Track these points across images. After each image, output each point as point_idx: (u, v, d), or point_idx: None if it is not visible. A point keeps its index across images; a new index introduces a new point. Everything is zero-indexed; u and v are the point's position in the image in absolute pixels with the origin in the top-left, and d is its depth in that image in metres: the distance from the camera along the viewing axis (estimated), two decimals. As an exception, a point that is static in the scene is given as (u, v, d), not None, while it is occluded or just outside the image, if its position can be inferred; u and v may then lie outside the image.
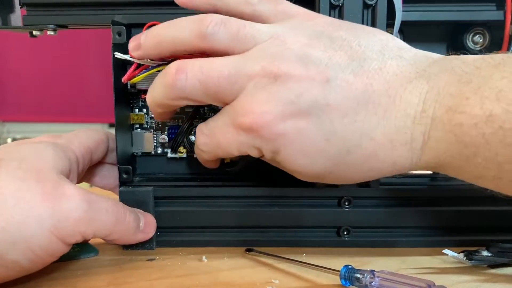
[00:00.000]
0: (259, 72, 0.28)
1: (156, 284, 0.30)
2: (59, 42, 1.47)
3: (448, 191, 0.37)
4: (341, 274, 0.29)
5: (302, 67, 0.28)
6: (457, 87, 0.27)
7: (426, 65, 0.29)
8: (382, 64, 0.29)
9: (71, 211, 0.29)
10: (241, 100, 0.29)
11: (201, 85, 0.29)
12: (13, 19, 0.38)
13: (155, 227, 0.35)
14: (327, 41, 0.29)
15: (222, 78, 0.29)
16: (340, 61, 0.29)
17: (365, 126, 0.28)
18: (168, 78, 0.29)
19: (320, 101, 0.28)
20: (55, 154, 0.31)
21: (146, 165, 0.40)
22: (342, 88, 0.28)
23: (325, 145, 0.28)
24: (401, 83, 0.28)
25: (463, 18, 0.37)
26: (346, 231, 0.36)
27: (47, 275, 0.31)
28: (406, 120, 0.28)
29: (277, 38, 0.29)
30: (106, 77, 1.02)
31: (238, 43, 0.29)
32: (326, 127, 0.28)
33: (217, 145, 0.31)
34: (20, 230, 0.27)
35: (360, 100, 0.28)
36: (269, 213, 0.36)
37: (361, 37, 0.30)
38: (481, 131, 0.26)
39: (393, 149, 0.28)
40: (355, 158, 0.29)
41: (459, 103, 0.26)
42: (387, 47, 0.30)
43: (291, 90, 0.28)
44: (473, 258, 0.32)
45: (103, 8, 0.36)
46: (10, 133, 1.63)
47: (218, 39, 0.29)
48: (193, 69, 0.29)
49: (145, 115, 0.39)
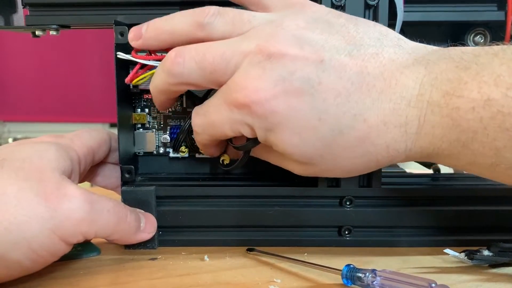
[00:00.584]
0: (254, 49, 0.29)
1: (158, 284, 0.30)
2: (61, 42, 1.47)
3: (449, 191, 0.37)
4: (342, 273, 0.29)
5: (297, 47, 0.28)
6: (455, 73, 0.27)
7: (424, 53, 0.29)
8: (379, 50, 0.29)
9: (73, 211, 0.29)
10: (235, 77, 0.29)
11: (198, 66, 0.30)
12: (16, 19, 0.38)
13: (156, 227, 0.35)
14: (325, 25, 0.29)
15: (217, 57, 0.29)
16: (336, 44, 0.29)
17: (358, 107, 0.28)
18: (167, 63, 0.30)
19: (314, 79, 0.28)
20: (57, 154, 0.31)
21: (148, 165, 0.40)
22: (336, 68, 0.28)
23: (317, 124, 0.28)
24: (397, 67, 0.28)
25: (464, 18, 0.37)
26: (347, 231, 0.36)
27: (49, 274, 0.31)
28: (401, 102, 0.28)
29: (275, 21, 0.30)
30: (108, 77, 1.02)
31: (235, 28, 0.30)
32: (319, 106, 0.28)
33: (211, 124, 0.31)
34: (22, 230, 0.27)
35: (354, 81, 0.28)
36: (271, 212, 0.36)
37: (360, 25, 0.30)
38: (478, 115, 0.26)
39: (386, 131, 0.28)
40: (348, 139, 0.29)
41: (457, 87, 0.26)
42: (386, 37, 0.30)
43: (285, 67, 0.28)
44: (474, 258, 0.32)
45: (105, 8, 0.36)
46: (11, 133, 1.63)
47: (215, 27, 0.30)
48: (190, 52, 0.30)
49: (147, 115, 0.39)
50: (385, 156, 0.29)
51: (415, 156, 0.29)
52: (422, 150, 0.29)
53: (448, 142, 0.27)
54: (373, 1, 0.34)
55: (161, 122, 0.39)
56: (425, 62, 0.28)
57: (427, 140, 0.28)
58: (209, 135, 0.32)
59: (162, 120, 0.39)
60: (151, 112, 0.39)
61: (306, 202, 0.36)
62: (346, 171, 0.31)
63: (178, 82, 0.31)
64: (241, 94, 0.28)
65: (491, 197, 0.37)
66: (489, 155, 0.26)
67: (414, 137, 0.28)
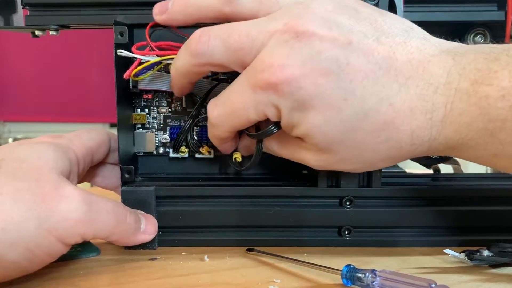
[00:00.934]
0: (281, 28, 0.28)
1: (158, 284, 0.30)
2: (61, 42, 1.47)
3: (449, 191, 0.37)
4: (342, 273, 0.29)
5: (326, 28, 0.28)
6: (484, 63, 0.27)
7: (451, 46, 0.29)
8: (407, 39, 0.29)
9: (71, 212, 0.28)
10: (261, 56, 0.29)
11: (223, 44, 0.29)
12: (16, 19, 0.38)
13: (157, 228, 0.35)
14: (352, 11, 0.29)
15: (243, 35, 0.29)
16: (364, 29, 0.29)
17: (385, 91, 0.28)
18: (192, 43, 0.30)
19: (341, 60, 0.28)
20: (56, 154, 0.31)
21: (148, 165, 0.40)
22: (364, 51, 0.28)
23: (342, 104, 0.28)
24: (425, 56, 0.28)
25: (464, 18, 0.37)
26: (347, 231, 0.36)
27: (49, 274, 0.31)
28: (428, 89, 0.28)
29: (302, 3, 0.29)
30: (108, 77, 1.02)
31: (262, 6, 0.30)
32: (345, 86, 0.28)
33: (233, 111, 0.30)
34: (19, 230, 0.27)
35: (382, 66, 0.28)
36: (270, 212, 0.36)
37: (387, 16, 0.30)
38: (508, 103, 0.25)
39: (412, 117, 0.28)
40: (372, 123, 0.28)
41: (486, 76, 0.26)
42: (412, 30, 0.30)
43: (313, 47, 0.28)
44: (474, 258, 0.32)
45: (105, 8, 0.36)
46: (11, 133, 1.63)
47: (242, 3, 0.30)
48: (215, 31, 0.30)
49: (147, 115, 0.39)
50: (409, 144, 0.29)
51: (438, 147, 0.29)
52: (446, 141, 0.28)
53: (475, 130, 0.27)
54: (373, 1, 0.34)
55: (161, 122, 0.39)
56: (453, 53, 0.28)
57: (452, 128, 0.28)
58: (229, 125, 0.31)
59: (162, 120, 0.39)
60: (151, 112, 0.39)
61: (306, 202, 0.36)
62: (365, 161, 0.31)
63: (202, 62, 0.30)
64: (268, 72, 0.28)
65: (491, 197, 0.37)
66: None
67: (439, 125, 0.28)
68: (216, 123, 0.32)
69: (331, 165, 0.31)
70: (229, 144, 0.35)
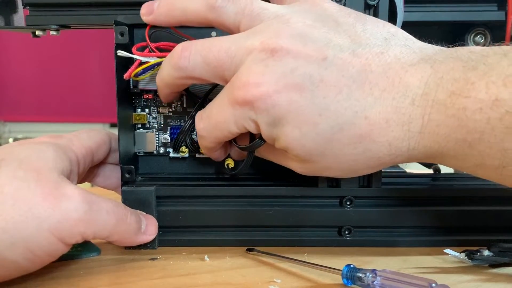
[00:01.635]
0: (258, 46, 0.29)
1: (158, 284, 0.30)
2: (61, 42, 1.47)
3: (449, 191, 0.37)
4: (343, 273, 0.29)
5: (300, 44, 0.28)
6: (462, 72, 0.26)
7: (431, 52, 0.29)
8: (385, 49, 0.29)
9: (71, 211, 0.29)
10: (238, 74, 0.29)
11: (203, 60, 0.30)
12: (16, 19, 0.38)
13: (157, 229, 0.35)
14: (332, 24, 0.30)
15: (222, 52, 0.30)
16: (341, 42, 0.29)
17: (360, 104, 0.28)
18: (174, 58, 0.31)
19: (315, 76, 0.28)
20: (56, 154, 0.31)
21: (148, 165, 0.40)
22: (338, 66, 0.28)
23: (318, 119, 0.28)
24: (402, 65, 0.28)
25: (464, 18, 0.37)
26: (347, 231, 0.36)
27: (49, 274, 0.31)
28: (404, 101, 0.28)
29: (282, 17, 0.30)
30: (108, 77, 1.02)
31: (244, 18, 0.31)
32: (319, 102, 0.28)
33: (215, 125, 0.31)
34: (19, 230, 0.27)
35: (356, 79, 0.28)
36: (271, 212, 0.36)
37: (368, 25, 0.30)
38: (486, 115, 0.25)
39: (388, 129, 0.28)
40: (348, 136, 0.28)
41: (464, 87, 0.26)
42: (394, 36, 0.30)
43: (287, 64, 0.28)
44: (474, 258, 0.32)
45: (105, 9, 0.36)
46: (11, 133, 1.63)
47: (226, 12, 0.31)
48: (196, 46, 0.31)
49: (147, 115, 0.39)
50: (387, 154, 0.29)
51: (418, 156, 0.29)
52: (426, 150, 0.28)
53: (454, 141, 0.27)
54: (373, 1, 0.34)
55: (161, 122, 0.39)
56: (431, 61, 0.28)
57: (431, 139, 0.28)
58: (214, 137, 0.32)
59: (162, 120, 0.39)
60: (151, 112, 0.39)
61: (306, 202, 0.36)
62: (346, 170, 0.31)
63: (183, 76, 0.31)
64: (243, 90, 0.29)
65: (491, 197, 0.37)
66: (496, 157, 0.26)
67: (417, 136, 0.28)
68: (202, 135, 0.33)
69: (315, 172, 0.32)
70: (218, 153, 0.36)
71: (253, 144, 0.32)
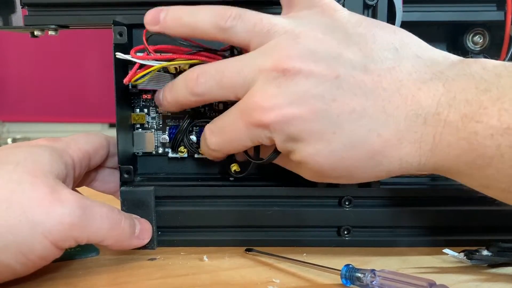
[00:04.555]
0: (269, 66, 0.29)
1: (157, 284, 0.30)
2: (60, 43, 1.47)
3: (448, 191, 0.37)
4: (341, 273, 0.29)
5: (312, 63, 0.28)
6: (475, 95, 0.27)
7: (443, 67, 0.29)
8: (396, 63, 0.29)
9: (65, 216, 0.28)
10: (251, 94, 0.30)
11: (218, 84, 0.31)
12: (14, 19, 0.38)
13: (151, 233, 0.35)
14: (342, 36, 0.29)
15: (235, 74, 0.30)
16: (352, 57, 0.29)
17: (373, 122, 0.28)
18: (191, 84, 0.31)
19: (327, 97, 0.28)
20: (52, 158, 0.31)
21: (147, 165, 0.40)
22: (350, 84, 0.28)
23: (331, 137, 0.29)
24: (415, 83, 0.28)
25: (463, 18, 0.37)
26: (346, 231, 0.36)
27: (48, 274, 0.31)
28: (417, 120, 0.28)
29: (292, 32, 0.30)
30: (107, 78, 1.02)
31: (254, 36, 0.30)
32: (333, 121, 0.28)
33: (229, 142, 0.32)
34: (13, 233, 0.27)
35: (369, 97, 0.28)
36: (269, 213, 0.36)
37: (378, 34, 0.30)
38: (496, 142, 0.26)
39: (400, 146, 0.28)
40: (361, 153, 0.29)
41: (476, 111, 0.26)
42: (406, 45, 0.30)
43: (299, 85, 0.28)
44: (473, 258, 0.32)
45: (104, 9, 0.36)
46: (10, 133, 1.62)
47: (235, 32, 0.30)
48: (210, 72, 0.31)
49: (146, 115, 0.39)
50: (397, 168, 0.29)
51: (428, 170, 0.29)
52: (435, 167, 0.29)
53: (464, 163, 0.27)
54: (372, 1, 0.34)
55: (160, 122, 0.39)
56: (444, 78, 0.28)
57: (441, 157, 0.28)
58: (227, 150, 0.33)
59: (161, 120, 0.39)
60: (150, 112, 0.39)
61: (305, 202, 0.36)
62: (355, 179, 0.31)
63: (200, 100, 0.32)
64: (258, 113, 0.29)
65: (490, 197, 0.37)
66: (503, 181, 0.26)
67: (428, 153, 0.28)
68: (215, 149, 0.33)
69: (325, 180, 0.32)
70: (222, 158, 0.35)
71: (268, 158, 0.33)
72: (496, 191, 0.28)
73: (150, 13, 0.32)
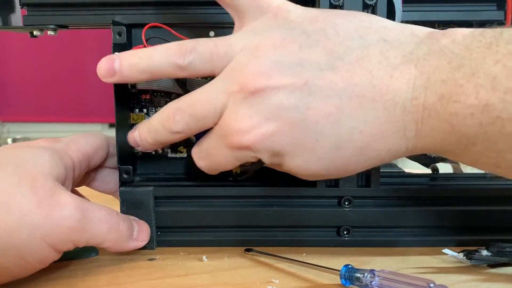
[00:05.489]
0: (236, 88, 0.29)
1: (157, 284, 0.30)
2: (60, 42, 1.47)
3: (448, 191, 0.37)
4: (341, 273, 0.29)
5: (277, 75, 0.28)
6: (449, 72, 0.26)
7: (412, 46, 0.28)
8: (364, 52, 0.28)
9: (64, 219, 0.28)
10: (226, 119, 0.29)
11: (193, 118, 0.30)
12: (14, 19, 0.38)
13: (149, 235, 0.35)
14: (302, 37, 0.29)
15: (205, 104, 0.30)
16: (317, 58, 0.28)
17: (352, 120, 0.28)
18: (168, 123, 0.31)
19: (301, 106, 0.28)
20: (52, 160, 0.31)
21: (146, 165, 0.40)
22: (321, 88, 0.28)
23: (315, 145, 0.28)
24: (386, 70, 0.27)
25: (463, 18, 0.37)
26: (346, 231, 0.36)
27: (47, 275, 0.31)
28: (395, 108, 0.27)
29: (249, 47, 0.29)
30: (106, 77, 1.01)
31: (214, 63, 0.30)
32: (313, 129, 0.28)
33: (217, 164, 0.32)
34: (12, 236, 0.27)
35: (342, 97, 0.28)
36: (269, 213, 0.36)
37: (339, 24, 0.29)
38: (477, 120, 0.25)
39: (385, 138, 0.28)
40: (348, 152, 0.29)
41: (453, 91, 0.26)
42: (369, 29, 0.29)
43: (270, 101, 0.28)
44: (473, 258, 0.32)
45: (103, 8, 0.36)
46: (10, 133, 1.63)
47: (195, 67, 0.30)
48: (183, 107, 0.30)
49: (145, 115, 0.39)
50: (388, 157, 0.29)
51: (419, 151, 0.29)
52: (424, 149, 0.29)
53: (449, 144, 0.27)
54: (372, 0, 0.34)
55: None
56: (415, 60, 0.27)
57: (427, 141, 0.28)
58: (218, 170, 0.33)
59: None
60: (149, 112, 0.39)
61: (304, 202, 0.36)
62: (349, 172, 0.31)
63: (181, 136, 0.31)
64: (237, 137, 0.29)
65: (490, 197, 0.37)
66: (491, 157, 0.26)
67: (414, 139, 0.28)
68: (207, 171, 0.33)
69: (320, 178, 0.32)
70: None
71: (256, 164, 0.33)
72: (486, 166, 0.28)
73: (102, 64, 0.31)
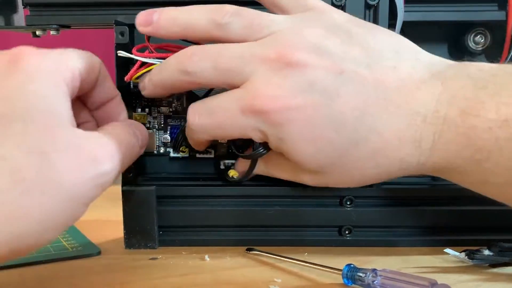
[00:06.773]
0: (274, 56, 0.28)
1: (158, 283, 0.30)
2: (62, 43, 1.47)
3: (449, 191, 0.37)
4: (343, 273, 0.29)
5: (317, 57, 0.28)
6: (473, 92, 0.27)
7: (442, 68, 0.29)
8: (397, 63, 0.29)
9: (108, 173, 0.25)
10: (253, 82, 0.29)
11: (213, 66, 0.29)
12: (16, 19, 0.38)
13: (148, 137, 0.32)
14: (344, 35, 0.29)
15: (234, 58, 0.29)
16: (356, 55, 0.29)
17: (374, 120, 0.28)
18: (182, 61, 0.30)
19: (332, 92, 0.28)
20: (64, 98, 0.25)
21: (148, 165, 0.40)
22: (354, 81, 0.28)
23: (334, 136, 0.28)
24: (415, 82, 0.28)
25: (464, 18, 0.37)
26: (347, 231, 0.36)
27: (49, 274, 0.31)
28: (417, 118, 0.28)
29: (293, 27, 0.29)
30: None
31: (253, 32, 0.30)
32: (336, 118, 0.28)
33: (218, 126, 0.30)
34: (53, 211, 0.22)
35: (371, 95, 0.28)
36: (271, 212, 0.36)
37: (378, 36, 0.30)
38: (494, 135, 0.26)
39: (400, 146, 0.28)
40: (361, 151, 0.29)
41: (474, 106, 0.26)
42: (405, 48, 0.30)
43: (304, 78, 0.28)
44: (475, 257, 0.32)
45: (106, 8, 0.36)
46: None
47: (233, 28, 0.30)
48: (207, 51, 0.29)
49: (148, 115, 0.39)
50: (397, 169, 0.29)
51: (427, 170, 0.29)
52: (434, 166, 0.29)
53: (463, 158, 0.27)
54: (374, 1, 0.34)
55: (162, 122, 0.39)
56: (442, 78, 0.28)
57: (441, 155, 0.28)
58: (210, 135, 0.31)
59: (163, 120, 0.39)
60: (152, 112, 0.39)
61: (306, 202, 0.36)
62: (356, 182, 0.31)
63: (189, 80, 0.30)
64: (260, 100, 0.28)
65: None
66: (501, 175, 0.26)
67: (428, 152, 0.28)
68: (196, 130, 0.31)
69: (326, 184, 0.32)
70: (204, 145, 0.35)
71: (255, 153, 0.32)
72: (493, 187, 0.28)
73: (142, 14, 0.31)
